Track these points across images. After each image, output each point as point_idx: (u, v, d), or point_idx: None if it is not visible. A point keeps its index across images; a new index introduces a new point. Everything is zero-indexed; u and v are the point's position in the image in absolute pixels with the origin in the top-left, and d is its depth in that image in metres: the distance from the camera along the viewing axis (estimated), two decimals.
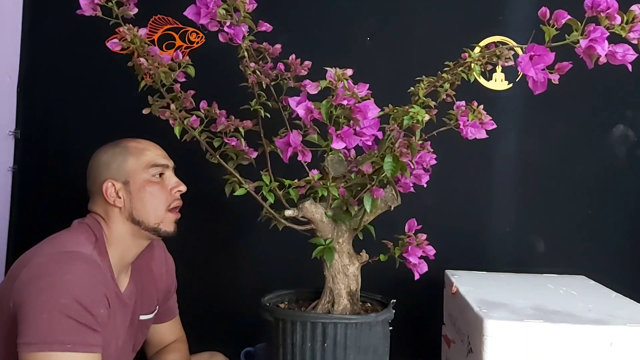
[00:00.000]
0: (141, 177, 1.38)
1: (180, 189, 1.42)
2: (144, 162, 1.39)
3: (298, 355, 1.30)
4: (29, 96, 1.91)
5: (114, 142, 1.42)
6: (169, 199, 1.40)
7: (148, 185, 1.38)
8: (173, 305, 1.63)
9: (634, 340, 1.23)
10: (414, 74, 1.36)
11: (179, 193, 1.42)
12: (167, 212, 1.40)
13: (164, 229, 1.40)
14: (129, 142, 1.42)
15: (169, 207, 1.40)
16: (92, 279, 1.24)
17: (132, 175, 1.38)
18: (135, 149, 1.40)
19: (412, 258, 1.36)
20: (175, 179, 1.43)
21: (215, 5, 1.26)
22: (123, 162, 1.38)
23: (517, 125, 1.84)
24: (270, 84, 1.39)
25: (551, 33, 1.10)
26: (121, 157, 1.39)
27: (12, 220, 1.90)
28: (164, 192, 1.40)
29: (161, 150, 1.44)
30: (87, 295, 1.20)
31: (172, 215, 1.41)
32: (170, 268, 1.58)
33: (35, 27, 1.90)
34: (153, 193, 1.38)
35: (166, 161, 1.43)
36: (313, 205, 1.36)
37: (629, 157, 1.83)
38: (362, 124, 1.22)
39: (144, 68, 1.27)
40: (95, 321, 1.21)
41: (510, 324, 1.25)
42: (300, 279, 1.52)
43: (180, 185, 1.42)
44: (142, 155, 1.39)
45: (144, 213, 1.37)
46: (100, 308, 1.23)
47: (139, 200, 1.37)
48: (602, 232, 1.83)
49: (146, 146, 1.42)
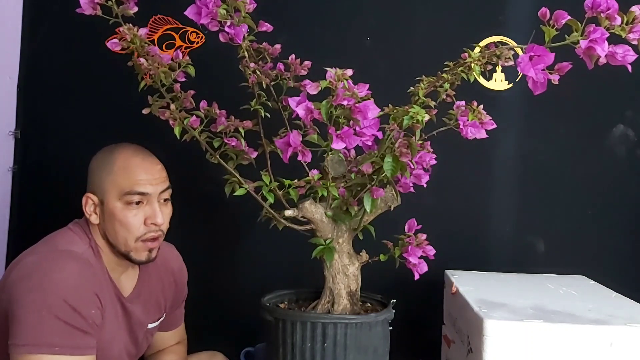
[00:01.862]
0: (113, 203, 1.29)
1: (155, 222, 1.30)
2: (120, 187, 1.29)
3: (298, 355, 1.30)
4: (29, 96, 1.91)
5: (114, 146, 1.36)
6: (142, 229, 1.30)
7: (119, 213, 1.29)
8: (179, 315, 1.60)
9: (634, 340, 1.23)
10: (414, 74, 1.36)
11: (155, 227, 1.31)
12: (139, 242, 1.31)
13: (135, 258, 1.32)
14: (121, 155, 1.32)
15: (140, 238, 1.31)
16: (81, 278, 1.20)
17: (107, 196, 1.30)
18: (120, 168, 1.30)
19: (412, 258, 1.36)
20: (154, 208, 1.31)
21: (215, 5, 1.26)
22: (104, 179, 1.31)
23: (517, 125, 1.83)
24: (270, 84, 1.38)
25: (551, 33, 1.10)
26: (104, 172, 1.31)
27: (12, 220, 1.90)
28: (135, 222, 1.29)
29: (154, 171, 1.33)
30: (76, 295, 1.17)
31: (143, 245, 1.32)
32: (179, 279, 1.53)
33: (35, 27, 1.90)
34: (123, 223, 1.29)
35: (149, 189, 1.30)
36: (313, 205, 1.36)
37: (629, 157, 1.83)
38: (362, 124, 1.22)
39: (144, 68, 1.27)
40: (85, 323, 1.18)
41: (510, 324, 1.25)
42: (300, 279, 1.52)
43: (156, 217, 1.30)
44: (123, 178, 1.29)
45: (113, 239, 1.31)
46: (90, 309, 1.20)
47: (109, 225, 1.30)
48: (602, 232, 1.83)
49: (135, 167, 1.31)
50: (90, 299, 1.21)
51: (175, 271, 1.52)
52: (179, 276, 1.54)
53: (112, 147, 1.36)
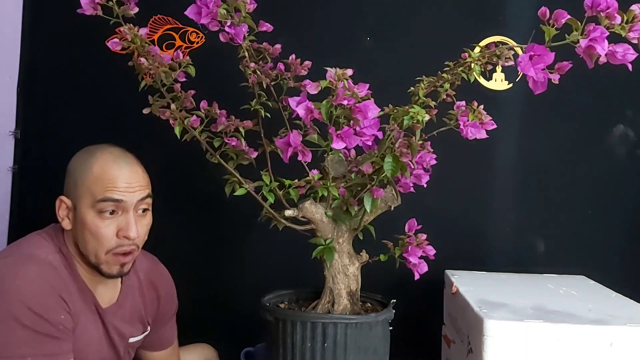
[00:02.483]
0: (85, 210, 1.20)
1: (127, 235, 1.20)
2: (94, 194, 1.19)
3: (298, 355, 1.30)
4: (29, 96, 1.91)
5: (94, 147, 1.27)
6: (114, 242, 1.20)
7: (90, 222, 1.19)
8: (169, 334, 1.52)
9: (634, 340, 1.23)
10: (414, 74, 1.36)
11: (127, 240, 1.21)
12: (110, 254, 1.22)
13: (106, 271, 1.23)
14: (99, 159, 1.22)
15: (111, 251, 1.21)
16: (43, 281, 1.13)
17: (80, 202, 1.21)
18: (96, 173, 1.20)
19: (412, 258, 1.36)
20: (128, 220, 1.21)
21: (215, 5, 1.26)
22: (78, 183, 1.21)
23: (517, 125, 1.83)
24: (271, 84, 1.38)
25: (551, 33, 1.10)
26: (79, 176, 1.22)
27: (12, 220, 1.90)
28: (107, 233, 1.19)
29: (133, 177, 1.23)
30: (39, 302, 1.11)
31: (114, 259, 1.22)
32: (163, 295, 1.44)
33: (35, 27, 1.90)
34: (93, 232, 1.19)
35: (126, 196, 1.20)
36: (313, 205, 1.36)
37: (629, 157, 1.83)
38: (362, 124, 1.22)
39: (145, 68, 1.27)
40: (55, 328, 1.12)
41: (510, 324, 1.25)
42: (300, 279, 1.52)
43: (129, 230, 1.20)
44: (98, 183, 1.20)
45: (83, 248, 1.22)
46: (59, 314, 1.14)
47: (80, 233, 1.21)
48: (602, 232, 1.83)
49: (112, 172, 1.21)
50: (56, 303, 1.14)
51: (158, 286, 1.44)
52: (163, 291, 1.45)
53: (92, 148, 1.28)
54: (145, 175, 1.28)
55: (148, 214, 1.28)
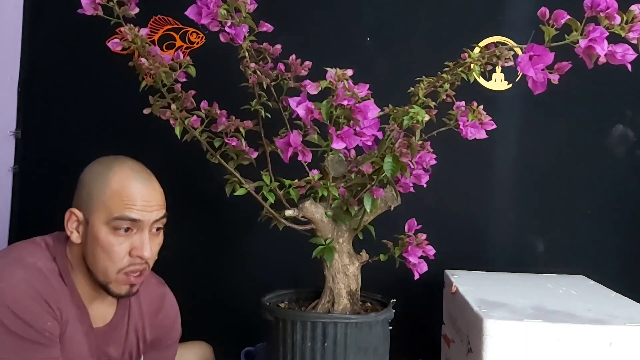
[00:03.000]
0: (99, 226, 1.15)
1: (141, 255, 1.16)
2: (110, 210, 1.14)
3: (298, 355, 1.30)
4: (30, 96, 1.91)
5: (111, 160, 1.22)
6: (126, 261, 1.16)
7: (104, 239, 1.15)
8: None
9: (633, 340, 1.23)
10: (414, 74, 1.37)
11: (140, 259, 1.17)
12: (121, 274, 1.16)
13: (114, 291, 1.18)
14: (118, 174, 1.17)
15: (122, 271, 1.16)
16: (29, 288, 1.09)
17: (94, 217, 1.15)
18: (115, 189, 1.15)
19: (412, 258, 1.36)
20: (143, 239, 1.16)
21: (216, 6, 1.26)
22: (94, 197, 1.16)
23: (516, 125, 1.84)
24: (271, 84, 1.39)
25: (551, 33, 1.10)
26: (96, 189, 1.16)
27: (13, 220, 1.90)
28: (120, 252, 1.15)
29: (152, 197, 1.18)
30: (24, 307, 1.07)
31: (125, 278, 1.17)
32: (166, 322, 1.35)
33: (35, 27, 1.90)
34: (106, 250, 1.15)
35: (143, 215, 1.16)
36: (313, 205, 1.36)
37: (628, 157, 1.83)
38: (362, 124, 1.22)
39: (145, 68, 1.27)
40: (40, 335, 1.08)
41: (509, 323, 1.25)
42: (300, 279, 1.52)
43: (143, 250, 1.16)
44: (115, 200, 1.15)
45: (92, 265, 1.17)
46: (45, 320, 1.09)
47: (91, 251, 1.16)
48: (602, 232, 1.83)
49: (131, 190, 1.16)
50: (42, 309, 1.10)
51: (159, 311, 1.34)
52: (164, 317, 1.35)
53: (109, 161, 1.21)
54: (163, 195, 1.23)
55: (161, 233, 1.23)
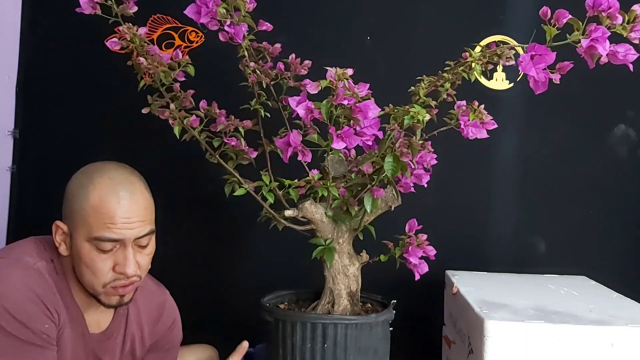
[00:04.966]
0: (81, 243, 1.12)
1: (123, 272, 1.12)
2: (89, 229, 1.11)
3: (298, 356, 1.29)
4: (28, 96, 1.90)
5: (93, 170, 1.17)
6: (110, 276, 1.13)
7: (86, 255, 1.12)
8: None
9: (635, 340, 1.23)
10: (414, 74, 1.36)
11: (122, 275, 1.13)
12: (107, 287, 1.14)
13: (105, 302, 1.16)
14: (97, 188, 1.12)
15: (108, 285, 1.14)
16: (27, 289, 1.08)
17: (75, 232, 1.13)
18: (93, 203, 1.11)
19: (413, 258, 1.36)
20: (127, 255, 1.12)
21: (215, 4, 1.25)
22: (76, 212, 1.13)
23: (518, 125, 1.83)
24: (270, 83, 1.38)
25: (552, 33, 1.10)
26: (76, 203, 1.13)
27: (11, 220, 1.90)
28: (103, 268, 1.12)
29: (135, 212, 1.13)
30: (22, 309, 1.06)
31: (113, 291, 1.15)
32: (160, 331, 1.33)
33: (34, 26, 1.90)
34: (89, 266, 1.12)
35: (125, 233, 1.11)
36: (313, 206, 1.35)
37: (630, 157, 1.82)
38: (362, 123, 1.22)
39: (144, 67, 1.27)
40: (37, 337, 1.07)
41: (511, 324, 1.25)
42: (300, 279, 1.51)
43: (127, 267, 1.12)
44: (95, 217, 1.11)
45: (80, 279, 1.15)
46: (42, 322, 1.08)
47: (76, 264, 1.15)
48: (603, 232, 1.82)
49: (110, 206, 1.11)
50: (40, 311, 1.09)
51: (158, 318, 1.32)
52: (165, 325, 1.33)
53: (91, 171, 1.17)
54: (148, 204, 1.17)
55: (150, 244, 1.18)
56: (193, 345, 1.63)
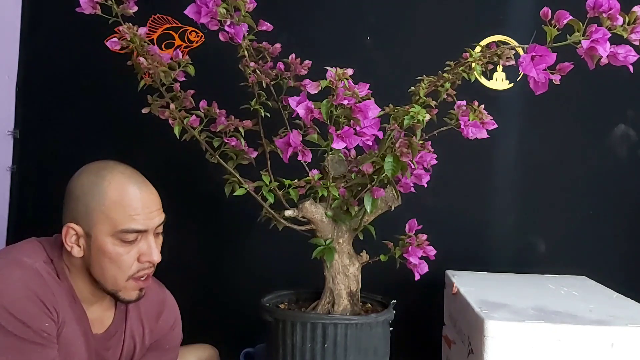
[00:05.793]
0: (103, 239, 1.14)
1: (150, 260, 1.17)
2: (114, 223, 1.14)
3: (298, 356, 1.29)
4: (28, 96, 1.90)
5: (100, 168, 1.19)
6: (135, 267, 1.17)
7: (111, 250, 1.15)
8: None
9: (635, 340, 1.23)
10: (414, 74, 1.36)
11: (149, 264, 1.18)
12: (130, 280, 1.17)
13: (123, 297, 1.19)
14: (113, 184, 1.15)
15: (132, 276, 1.17)
16: (26, 288, 1.09)
17: (96, 230, 1.14)
18: (114, 201, 1.14)
19: (413, 258, 1.36)
20: (150, 244, 1.17)
21: (215, 5, 1.25)
22: (92, 210, 1.14)
23: (518, 125, 1.83)
24: (270, 83, 1.38)
25: (553, 33, 1.10)
26: (93, 202, 1.14)
27: (11, 220, 1.90)
28: (128, 260, 1.16)
29: (151, 203, 1.18)
30: (22, 307, 1.07)
31: (134, 284, 1.18)
32: (161, 329, 1.33)
33: (34, 26, 1.90)
34: (115, 260, 1.15)
35: (148, 224, 1.16)
36: (313, 205, 1.35)
37: (630, 156, 1.82)
38: (362, 123, 1.22)
39: (144, 67, 1.27)
40: (38, 335, 1.08)
41: (511, 324, 1.25)
42: (300, 279, 1.51)
43: (152, 255, 1.17)
44: (118, 212, 1.14)
45: (100, 277, 1.17)
46: (42, 321, 1.09)
47: (97, 263, 1.16)
48: (603, 233, 1.82)
49: (131, 200, 1.15)
50: (39, 310, 1.09)
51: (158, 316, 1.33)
52: (165, 323, 1.34)
53: (98, 169, 1.19)
54: (158, 195, 1.22)
55: (160, 235, 1.24)
56: (193, 345, 1.63)
